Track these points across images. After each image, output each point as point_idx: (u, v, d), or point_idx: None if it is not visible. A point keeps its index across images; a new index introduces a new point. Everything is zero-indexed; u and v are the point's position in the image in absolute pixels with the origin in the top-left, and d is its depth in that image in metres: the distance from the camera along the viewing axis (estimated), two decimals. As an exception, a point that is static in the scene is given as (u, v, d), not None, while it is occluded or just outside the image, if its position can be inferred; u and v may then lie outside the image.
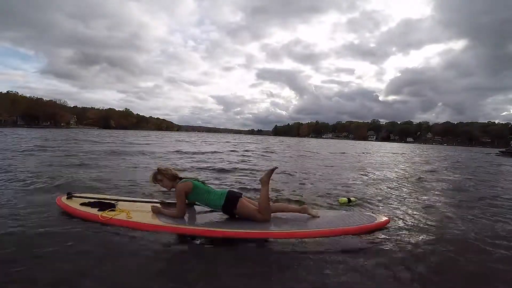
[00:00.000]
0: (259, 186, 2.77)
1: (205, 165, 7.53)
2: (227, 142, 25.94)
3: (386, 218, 2.85)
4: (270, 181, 2.77)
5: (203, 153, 11.83)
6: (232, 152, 12.98)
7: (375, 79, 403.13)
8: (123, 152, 10.36)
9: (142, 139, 23.15)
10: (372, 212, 3.11)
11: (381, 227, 2.71)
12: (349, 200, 3.73)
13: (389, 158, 14.38)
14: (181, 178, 2.75)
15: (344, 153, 16.75)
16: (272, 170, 2.78)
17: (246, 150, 14.78)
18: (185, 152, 11.62)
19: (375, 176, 6.86)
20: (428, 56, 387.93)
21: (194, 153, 11.60)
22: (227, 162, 8.60)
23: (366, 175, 7.09)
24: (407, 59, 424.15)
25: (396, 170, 8.82)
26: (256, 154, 12.59)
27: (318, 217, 2.74)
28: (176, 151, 12.18)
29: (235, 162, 8.70)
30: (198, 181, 2.76)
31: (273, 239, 2.37)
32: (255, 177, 5.74)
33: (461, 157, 20.31)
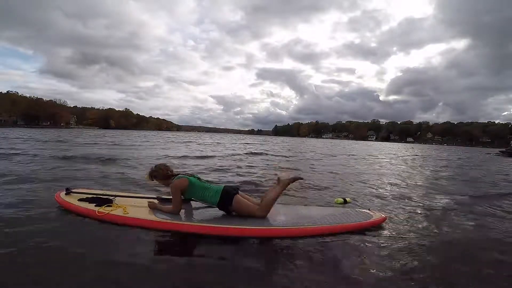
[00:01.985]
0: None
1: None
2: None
3: (383, 216, 2.86)
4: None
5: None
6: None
7: (376, 79, 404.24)
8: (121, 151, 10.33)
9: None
10: (369, 210, 3.11)
11: (378, 224, 2.72)
12: (345, 201, 3.73)
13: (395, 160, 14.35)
14: (177, 175, 2.74)
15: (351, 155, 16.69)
16: (295, 179, 2.76)
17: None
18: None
19: (374, 176, 6.85)
20: (429, 55, 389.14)
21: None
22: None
23: (365, 174, 7.09)
24: (408, 58, 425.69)
25: (396, 170, 8.82)
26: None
27: (302, 178, 2.62)
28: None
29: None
30: (194, 177, 2.74)
31: (270, 236, 2.37)
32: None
33: (462, 157, 20.27)
